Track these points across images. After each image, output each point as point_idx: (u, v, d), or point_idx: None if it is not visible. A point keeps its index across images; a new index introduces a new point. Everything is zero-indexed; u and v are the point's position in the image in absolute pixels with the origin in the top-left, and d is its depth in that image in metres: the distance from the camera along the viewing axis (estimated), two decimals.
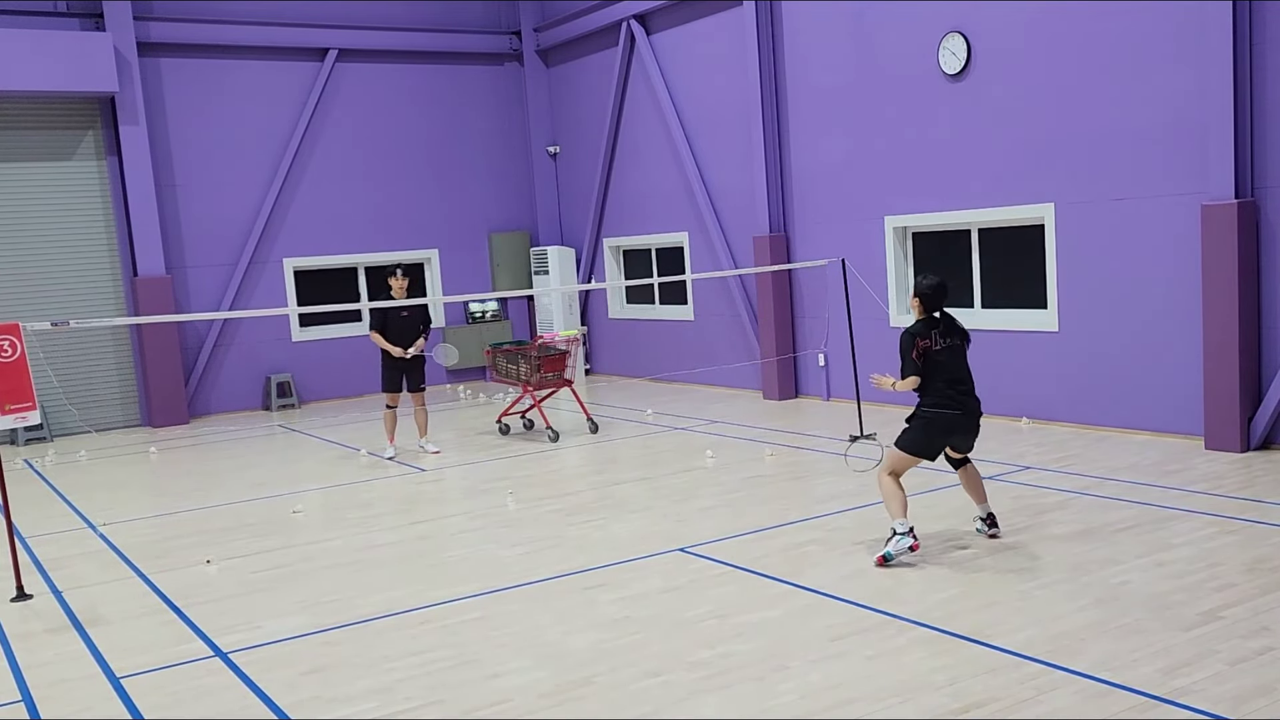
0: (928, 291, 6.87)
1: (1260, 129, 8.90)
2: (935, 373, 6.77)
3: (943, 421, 6.76)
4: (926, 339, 6.76)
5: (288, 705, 5.17)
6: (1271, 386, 8.97)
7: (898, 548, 6.62)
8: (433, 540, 8.16)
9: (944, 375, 6.76)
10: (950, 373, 6.77)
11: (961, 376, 6.81)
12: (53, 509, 9.98)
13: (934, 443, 6.80)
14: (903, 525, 6.66)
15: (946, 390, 6.74)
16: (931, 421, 6.77)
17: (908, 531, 6.64)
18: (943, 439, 6.83)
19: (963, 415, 6.77)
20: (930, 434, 6.78)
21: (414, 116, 16.88)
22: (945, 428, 6.78)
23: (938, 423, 6.77)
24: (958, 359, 6.84)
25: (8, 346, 7.10)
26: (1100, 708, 4.57)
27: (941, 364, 6.77)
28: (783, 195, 13.58)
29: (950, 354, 6.81)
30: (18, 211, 14.33)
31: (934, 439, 6.79)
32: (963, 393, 6.79)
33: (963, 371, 6.84)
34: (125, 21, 14.38)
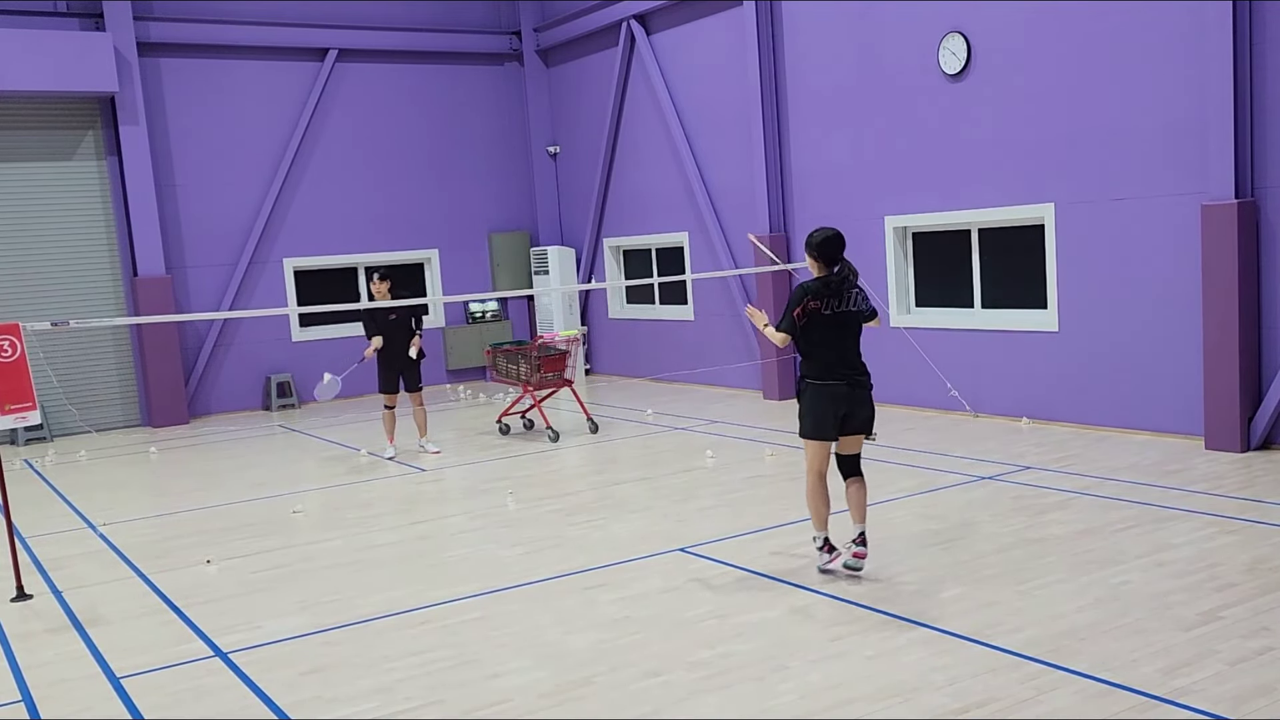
0: (820, 243, 6.29)
1: (1260, 129, 8.90)
2: (820, 343, 6.30)
3: (828, 392, 6.29)
4: (818, 301, 6.23)
5: (288, 705, 5.17)
6: (1271, 386, 8.97)
7: (820, 561, 6.53)
8: (433, 540, 8.16)
9: (830, 349, 6.30)
10: (836, 349, 6.30)
11: (847, 357, 6.33)
12: (53, 509, 9.98)
13: (826, 417, 6.31)
14: (817, 539, 6.50)
15: (833, 365, 6.30)
16: (818, 393, 6.31)
17: (821, 545, 6.48)
18: (832, 410, 6.29)
19: (848, 386, 6.30)
20: (819, 408, 6.31)
21: (414, 116, 16.88)
22: (832, 398, 6.28)
23: (823, 394, 6.29)
24: (846, 333, 6.32)
25: (8, 346, 7.10)
26: (1100, 708, 4.57)
27: (828, 335, 6.28)
28: (783, 195, 13.59)
29: (842, 323, 6.29)
30: (18, 211, 14.33)
31: (826, 412, 6.30)
32: (849, 362, 6.33)
33: (850, 351, 6.34)
34: (125, 21, 14.38)
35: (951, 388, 11.46)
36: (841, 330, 6.31)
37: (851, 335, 6.36)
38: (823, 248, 6.30)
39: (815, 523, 6.52)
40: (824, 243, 6.30)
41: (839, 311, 6.28)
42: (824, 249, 6.30)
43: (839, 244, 6.34)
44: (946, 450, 9.91)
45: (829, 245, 6.30)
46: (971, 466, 9.19)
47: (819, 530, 6.51)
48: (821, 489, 6.46)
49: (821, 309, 6.26)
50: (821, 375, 6.32)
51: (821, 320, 6.27)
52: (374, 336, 11.04)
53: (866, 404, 6.43)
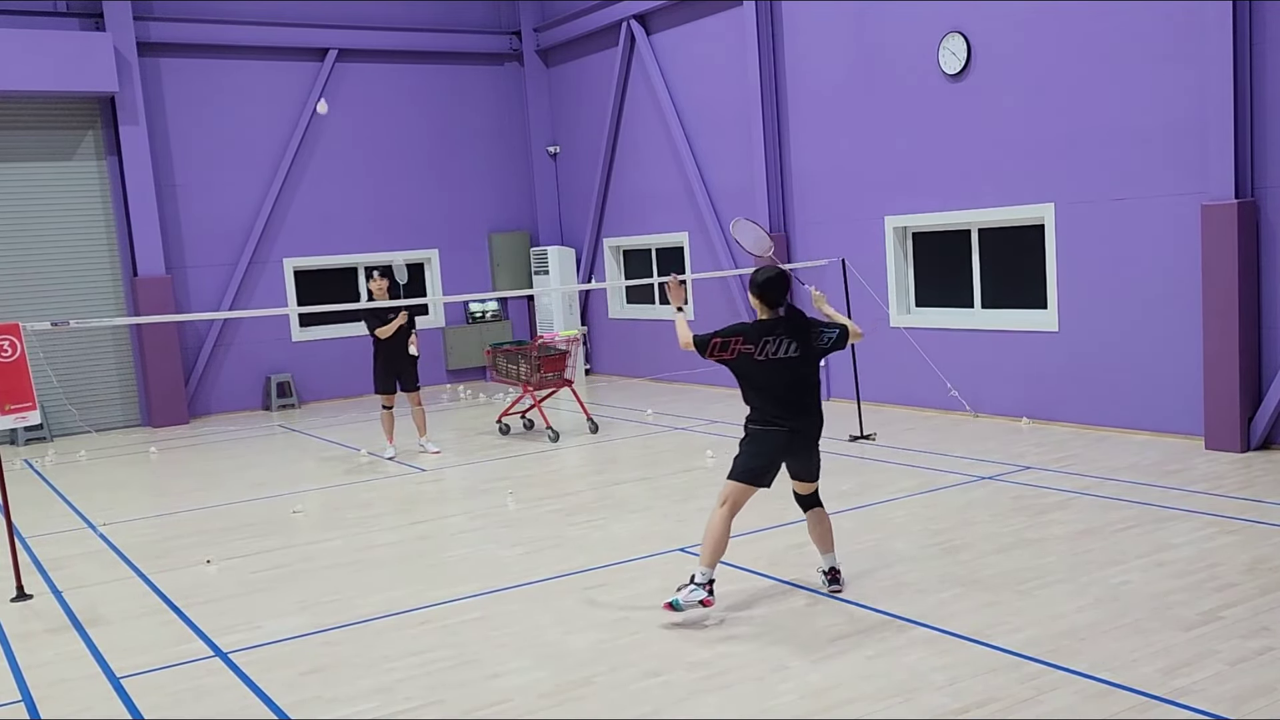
0: (763, 283, 5.86)
1: (1260, 129, 8.90)
2: (755, 389, 5.93)
3: (770, 440, 5.90)
4: (751, 345, 5.83)
5: (288, 705, 5.17)
6: (1271, 386, 8.97)
7: (688, 598, 5.79)
8: (433, 540, 8.16)
9: (764, 395, 5.90)
10: (776, 391, 5.87)
11: (787, 404, 5.87)
12: (53, 509, 9.98)
13: (765, 467, 5.93)
14: (704, 575, 5.82)
15: (772, 407, 5.89)
16: (757, 440, 5.94)
17: (705, 584, 5.81)
18: (773, 460, 5.95)
19: (790, 434, 5.89)
20: (758, 456, 5.92)
21: (414, 116, 16.88)
22: (775, 447, 5.91)
23: (765, 442, 5.91)
24: (788, 376, 5.87)
25: (8, 346, 7.10)
26: (1100, 708, 4.57)
27: (767, 378, 5.87)
28: (783, 195, 13.58)
29: (778, 370, 5.85)
30: (18, 211, 14.33)
31: (764, 462, 5.92)
32: (793, 411, 5.89)
33: (792, 392, 5.89)
34: (125, 21, 14.38)
35: (951, 388, 11.46)
36: (777, 378, 5.87)
37: (789, 383, 5.89)
38: (765, 288, 5.88)
39: (706, 557, 5.86)
40: (767, 284, 5.88)
41: (774, 359, 5.84)
42: (766, 290, 5.88)
43: (782, 286, 5.91)
44: (946, 450, 9.91)
45: (771, 287, 5.88)
46: (971, 466, 9.19)
47: (704, 566, 5.84)
48: (725, 525, 5.89)
49: (754, 354, 5.85)
50: (759, 421, 5.95)
51: (754, 366, 5.87)
52: (375, 330, 11.01)
53: (810, 455, 6.05)
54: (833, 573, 6.27)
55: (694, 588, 5.81)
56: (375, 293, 11.04)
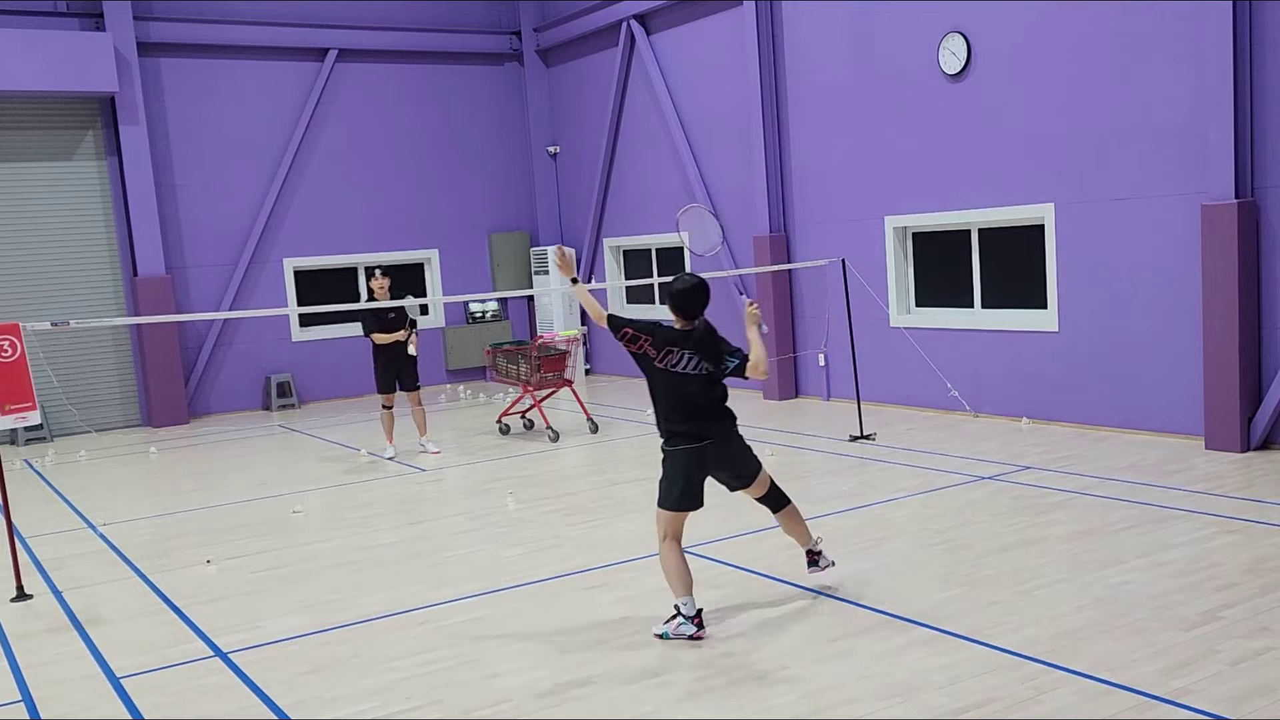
0: (679, 293, 5.59)
1: (1260, 129, 8.90)
2: (657, 394, 5.64)
3: (681, 460, 5.59)
4: (655, 350, 5.56)
5: (288, 705, 5.17)
6: (1271, 386, 8.97)
7: (677, 631, 5.56)
8: (433, 540, 8.16)
9: (667, 402, 5.62)
10: (675, 402, 5.60)
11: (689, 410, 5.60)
12: (53, 509, 9.98)
13: (686, 489, 5.61)
14: (686, 605, 5.56)
15: (674, 420, 5.60)
16: (671, 462, 5.63)
17: (692, 616, 5.56)
18: (690, 479, 5.63)
19: (699, 450, 5.59)
20: (675, 480, 5.60)
21: (414, 116, 16.89)
22: (690, 465, 5.60)
23: (677, 463, 5.60)
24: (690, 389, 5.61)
25: (8, 346, 7.10)
26: (1100, 708, 4.57)
27: (665, 388, 5.61)
28: (783, 195, 13.58)
29: (678, 383, 5.59)
30: (18, 211, 14.33)
31: (683, 484, 5.60)
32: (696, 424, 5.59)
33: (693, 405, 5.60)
34: (125, 21, 14.38)
35: (951, 388, 11.46)
36: (676, 390, 5.63)
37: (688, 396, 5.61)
38: (681, 299, 5.61)
39: (677, 588, 5.61)
40: (682, 294, 5.60)
41: (672, 371, 5.59)
42: (681, 300, 5.61)
43: (701, 298, 5.63)
44: (946, 450, 9.91)
45: (688, 298, 5.61)
46: (971, 466, 9.19)
47: (682, 596, 5.59)
48: (676, 553, 5.65)
49: (655, 359, 5.59)
50: (667, 440, 5.66)
51: (653, 370, 5.63)
52: (373, 334, 11.04)
53: (732, 463, 5.76)
54: (814, 555, 6.21)
55: (681, 620, 5.59)
56: (377, 292, 11.05)
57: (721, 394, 5.77)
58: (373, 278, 11.18)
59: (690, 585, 5.64)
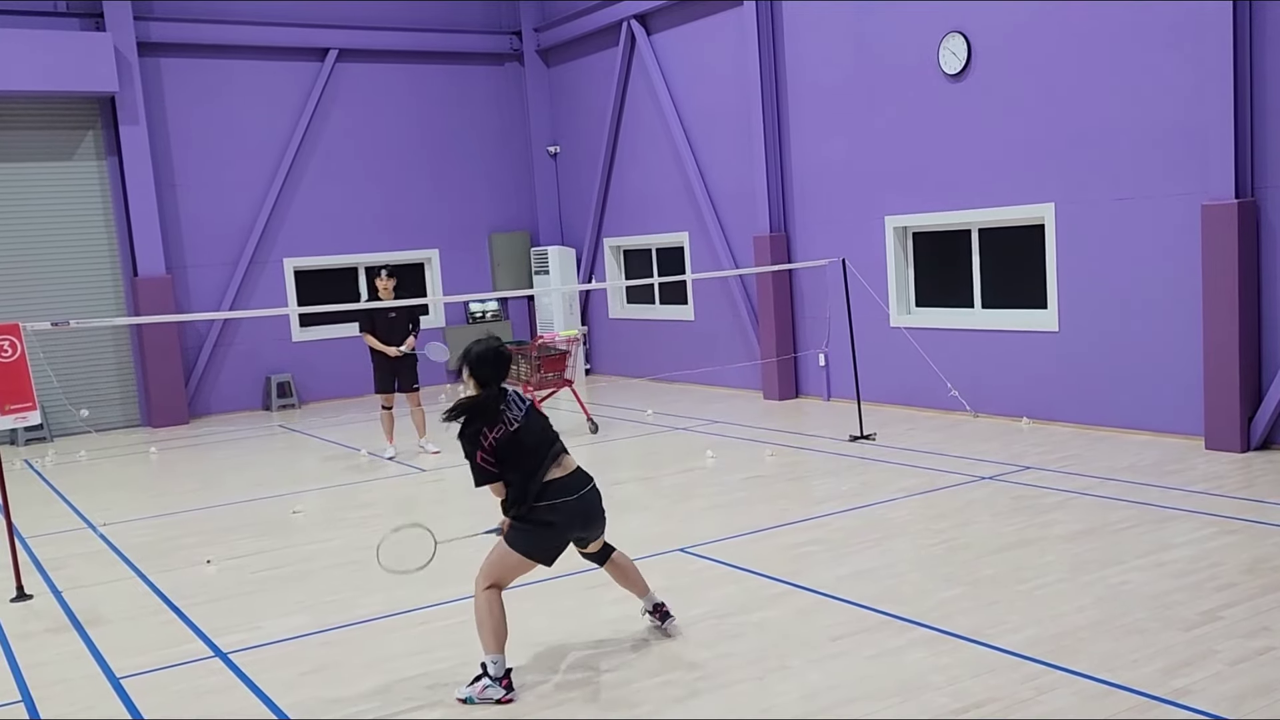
0: (477, 362, 5.20)
1: (1260, 129, 8.90)
2: (527, 464, 5.14)
3: (560, 514, 5.18)
4: (494, 428, 5.10)
5: (288, 705, 5.17)
6: (1271, 386, 8.97)
7: (482, 695, 5.00)
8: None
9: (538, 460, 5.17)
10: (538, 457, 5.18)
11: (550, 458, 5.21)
12: (53, 509, 9.98)
13: (551, 543, 5.26)
14: (496, 665, 5.04)
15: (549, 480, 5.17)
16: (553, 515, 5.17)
17: (500, 678, 5.02)
18: (563, 537, 5.29)
19: (578, 500, 5.23)
20: (553, 536, 5.23)
21: (414, 116, 16.89)
22: (565, 522, 5.22)
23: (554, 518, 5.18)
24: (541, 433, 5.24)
25: (8, 346, 7.10)
26: (1100, 708, 4.57)
27: (532, 446, 5.17)
28: (783, 195, 13.58)
29: (529, 431, 5.18)
30: (18, 211, 14.33)
31: (550, 540, 5.25)
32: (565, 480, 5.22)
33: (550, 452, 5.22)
34: (125, 21, 14.38)
35: (951, 388, 11.45)
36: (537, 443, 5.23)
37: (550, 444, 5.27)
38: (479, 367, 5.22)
39: (489, 643, 5.09)
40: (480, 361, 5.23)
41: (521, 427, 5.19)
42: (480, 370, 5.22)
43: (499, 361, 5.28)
44: (946, 450, 9.91)
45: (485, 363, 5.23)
46: (971, 466, 9.19)
47: (494, 653, 5.07)
48: (498, 603, 5.17)
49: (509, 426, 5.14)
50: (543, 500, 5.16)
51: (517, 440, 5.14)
52: (365, 333, 11.04)
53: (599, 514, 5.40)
54: (658, 608, 5.73)
55: (489, 683, 5.02)
56: (381, 291, 11.05)
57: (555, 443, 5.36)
58: (378, 277, 11.16)
59: (503, 639, 5.12)
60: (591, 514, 5.36)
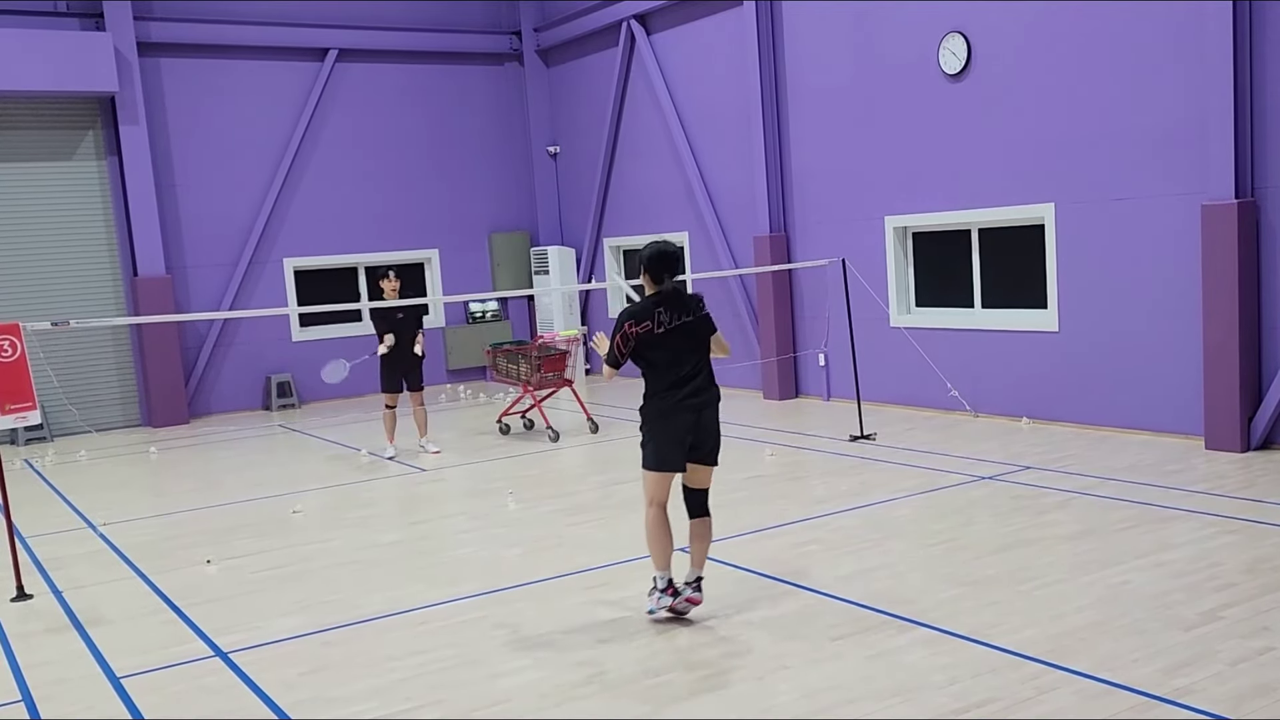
0: (650, 257, 5.84)
1: (1260, 129, 8.90)
2: (657, 364, 5.80)
3: (674, 422, 5.78)
4: (645, 322, 5.74)
5: (288, 705, 5.17)
6: (1271, 386, 8.97)
7: (657, 604, 5.83)
8: (433, 540, 8.16)
9: (667, 369, 5.79)
10: (674, 369, 5.78)
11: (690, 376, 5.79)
12: (53, 509, 9.98)
13: (670, 446, 5.82)
14: (661, 578, 5.82)
15: (673, 385, 5.79)
16: (658, 421, 5.82)
17: (665, 588, 5.81)
18: (675, 438, 5.81)
19: (696, 410, 5.79)
20: (662, 436, 5.82)
21: (414, 116, 16.88)
22: (680, 426, 5.79)
23: (669, 423, 5.79)
24: (685, 349, 5.81)
25: (8, 346, 7.10)
26: (1100, 708, 4.57)
27: (664, 355, 5.78)
28: (783, 195, 13.58)
29: (678, 337, 5.78)
30: (18, 211, 14.33)
31: (668, 441, 5.81)
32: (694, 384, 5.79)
33: (691, 369, 5.80)
34: (125, 21, 14.38)
35: (951, 388, 11.46)
36: (679, 347, 5.79)
37: (692, 351, 5.83)
38: (650, 263, 5.87)
39: (656, 561, 5.91)
40: (650, 259, 5.86)
41: (672, 327, 5.78)
42: (651, 265, 5.86)
43: (667, 260, 5.87)
44: (946, 450, 9.91)
45: (656, 261, 5.86)
46: (971, 466, 9.19)
47: (660, 570, 5.89)
48: (662, 522, 5.90)
49: (653, 328, 5.75)
50: (662, 398, 5.81)
51: (654, 340, 5.77)
52: (386, 334, 11.03)
53: (713, 430, 5.89)
54: (697, 582, 5.98)
55: (656, 593, 5.81)
56: (387, 292, 11.05)
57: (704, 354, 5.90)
58: (385, 278, 11.15)
59: (667, 559, 5.87)
60: (699, 430, 5.82)
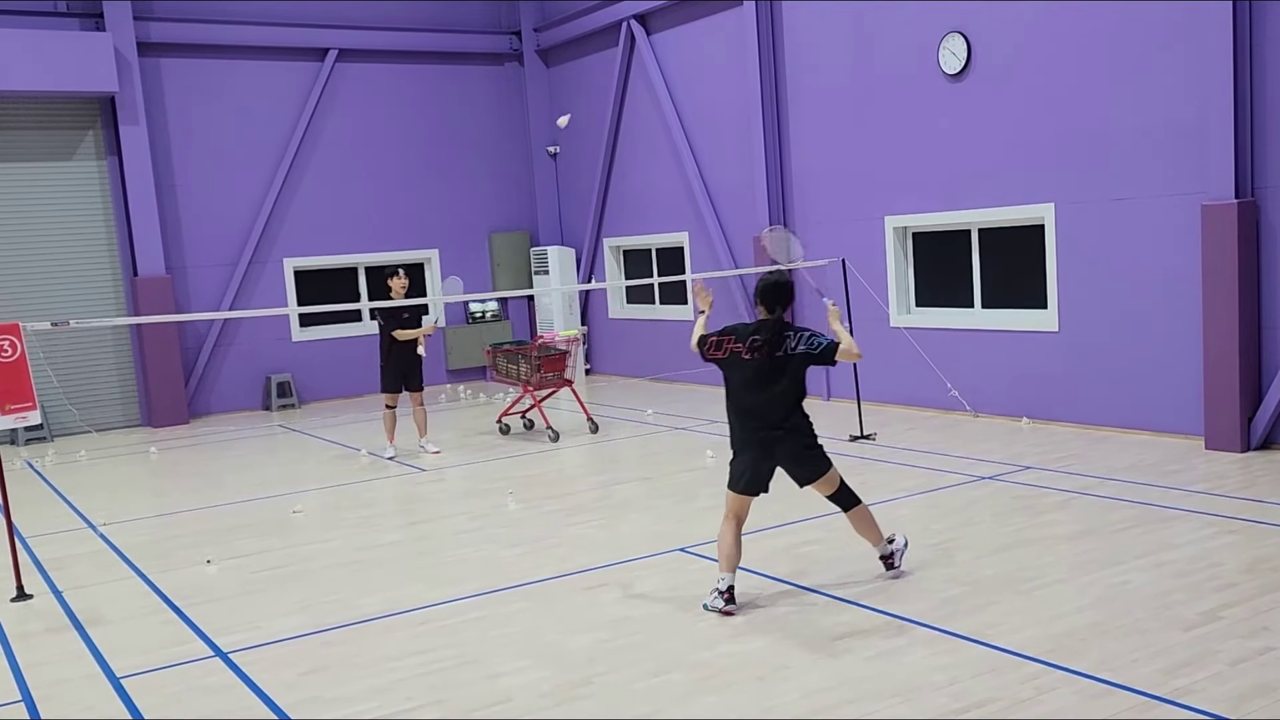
0: (760, 289, 6.14)
1: (1260, 129, 8.90)
2: (736, 391, 6.09)
3: (745, 451, 6.09)
4: (741, 342, 6.04)
5: (288, 705, 5.17)
6: (1271, 386, 8.97)
7: (711, 604, 6.03)
8: (433, 540, 8.16)
9: (743, 397, 6.06)
10: (750, 399, 6.03)
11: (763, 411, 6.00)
12: (53, 509, 9.98)
13: (742, 470, 6.08)
14: (722, 581, 6.03)
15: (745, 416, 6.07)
16: (735, 444, 6.15)
17: (724, 591, 5.99)
18: (749, 464, 6.06)
19: (760, 444, 6.03)
20: (737, 461, 6.12)
21: (414, 116, 16.88)
22: (749, 452, 6.07)
23: (741, 450, 6.12)
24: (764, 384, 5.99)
25: (8, 346, 7.10)
26: (1100, 708, 4.57)
27: (745, 383, 6.03)
28: (783, 195, 13.58)
29: (756, 375, 5.99)
30: (18, 211, 14.33)
31: (741, 466, 6.09)
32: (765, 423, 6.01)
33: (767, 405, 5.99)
34: (125, 21, 14.38)
35: (951, 388, 11.46)
36: (758, 381, 6.01)
37: (770, 388, 6.00)
38: (760, 294, 6.13)
39: (720, 564, 6.13)
40: (762, 290, 6.12)
41: (759, 360, 5.99)
42: (761, 295, 6.13)
43: (776, 294, 6.09)
44: (946, 450, 9.91)
45: (766, 293, 6.10)
46: (971, 466, 9.19)
47: (721, 573, 6.08)
48: (728, 534, 6.09)
49: (743, 352, 6.03)
50: (737, 419, 6.12)
51: (740, 364, 6.05)
52: (392, 332, 11.02)
53: (796, 455, 6.08)
54: (884, 560, 6.45)
55: (714, 594, 6.04)
56: (397, 291, 11.06)
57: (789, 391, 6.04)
58: (395, 276, 11.13)
59: (732, 567, 6.06)
60: (785, 453, 6.05)
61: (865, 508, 6.37)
